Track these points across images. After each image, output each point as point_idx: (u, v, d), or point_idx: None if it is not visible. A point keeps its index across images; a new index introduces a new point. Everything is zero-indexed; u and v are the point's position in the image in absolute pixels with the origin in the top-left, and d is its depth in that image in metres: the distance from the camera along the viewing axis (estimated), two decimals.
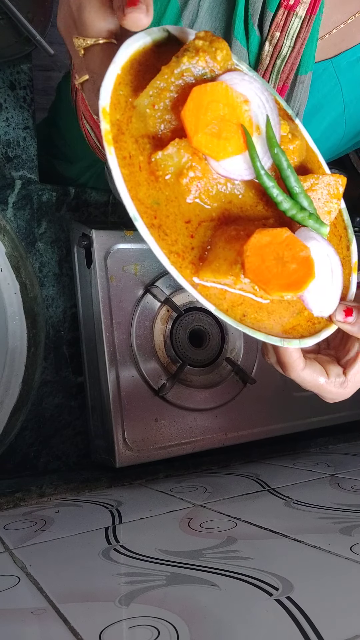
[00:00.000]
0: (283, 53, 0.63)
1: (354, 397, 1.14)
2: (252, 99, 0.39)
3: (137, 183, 0.37)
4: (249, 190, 0.41)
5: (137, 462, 0.89)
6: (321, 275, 0.41)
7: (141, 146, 0.37)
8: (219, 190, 0.39)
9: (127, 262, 0.93)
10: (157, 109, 0.37)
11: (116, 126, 0.37)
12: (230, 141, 0.38)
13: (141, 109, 0.37)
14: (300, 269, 0.37)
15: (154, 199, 0.37)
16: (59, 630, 0.45)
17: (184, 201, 0.38)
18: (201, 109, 0.36)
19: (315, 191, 0.43)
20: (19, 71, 0.98)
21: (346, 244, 0.46)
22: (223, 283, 0.37)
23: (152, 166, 0.37)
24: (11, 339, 0.93)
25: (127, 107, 0.37)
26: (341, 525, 0.64)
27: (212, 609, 0.47)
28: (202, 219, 0.39)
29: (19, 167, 0.98)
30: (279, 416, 1.03)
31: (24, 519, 0.75)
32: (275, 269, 0.36)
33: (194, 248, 0.38)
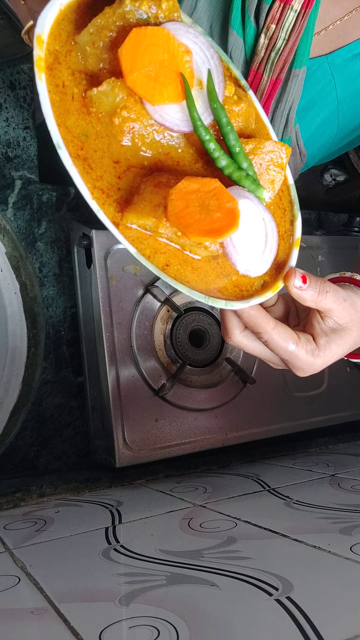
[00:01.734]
0: (278, 45, 0.64)
1: (354, 397, 1.14)
2: (195, 51, 0.39)
3: (67, 111, 0.37)
4: (189, 146, 0.41)
5: (137, 462, 0.89)
6: (251, 234, 0.40)
7: (77, 80, 0.37)
8: (154, 138, 0.39)
9: (127, 262, 0.93)
10: (97, 47, 0.37)
11: (53, 55, 0.37)
12: (167, 87, 0.37)
13: (82, 45, 0.37)
14: (224, 218, 0.36)
15: (82, 130, 0.37)
16: (59, 630, 0.45)
17: (115, 141, 0.38)
18: (139, 49, 0.36)
19: (258, 155, 0.42)
20: (19, 71, 0.98)
21: (290, 218, 0.46)
22: (146, 227, 0.37)
23: (86, 101, 0.37)
24: (11, 339, 0.93)
25: (68, 41, 0.38)
26: (341, 525, 0.64)
27: (212, 609, 0.47)
28: (132, 164, 0.38)
29: (19, 167, 0.98)
30: (279, 416, 1.03)
31: (24, 519, 0.75)
32: (198, 215, 0.36)
33: (120, 189, 0.38)
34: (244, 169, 0.41)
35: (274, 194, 0.44)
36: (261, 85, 0.67)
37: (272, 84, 0.67)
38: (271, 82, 0.67)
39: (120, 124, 0.37)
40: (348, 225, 1.31)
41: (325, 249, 1.16)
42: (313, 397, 1.09)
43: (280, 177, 0.44)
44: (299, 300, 0.46)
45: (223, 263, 0.40)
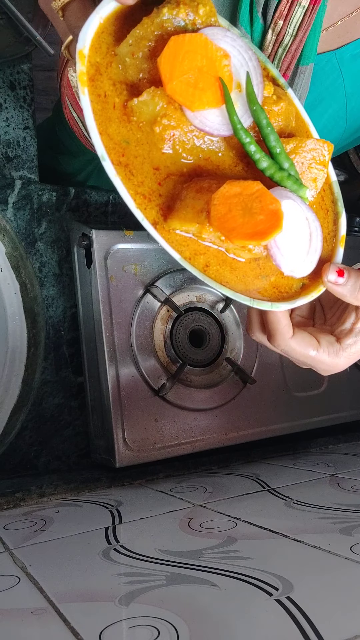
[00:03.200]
0: (285, 42, 0.63)
1: (354, 397, 1.14)
2: (233, 55, 0.39)
3: (108, 118, 0.37)
4: (229, 150, 0.40)
5: (137, 462, 0.89)
6: (295, 234, 0.40)
7: (118, 90, 0.38)
8: (195, 144, 0.39)
9: (127, 262, 0.93)
10: (136, 57, 0.38)
11: (95, 67, 0.37)
12: (207, 92, 0.37)
13: (122, 56, 0.38)
14: (268, 220, 0.36)
15: (123, 137, 0.37)
16: (59, 630, 0.45)
17: (156, 149, 0.38)
18: (178, 57, 0.36)
19: (299, 154, 0.42)
20: (19, 71, 0.98)
21: (333, 218, 0.46)
22: (189, 232, 0.37)
23: (127, 110, 0.38)
24: (11, 339, 0.93)
25: (109, 53, 0.38)
26: (341, 525, 0.64)
27: (212, 609, 0.47)
28: (171, 171, 0.39)
29: (19, 167, 0.98)
30: (279, 416, 1.03)
31: (24, 519, 0.75)
32: (242, 219, 0.36)
33: (161, 195, 0.38)
34: (286, 169, 0.41)
35: (317, 192, 0.44)
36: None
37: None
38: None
39: (160, 132, 0.38)
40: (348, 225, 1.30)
41: None
42: (313, 397, 1.09)
43: (323, 174, 0.43)
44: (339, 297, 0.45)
45: (264, 264, 0.40)
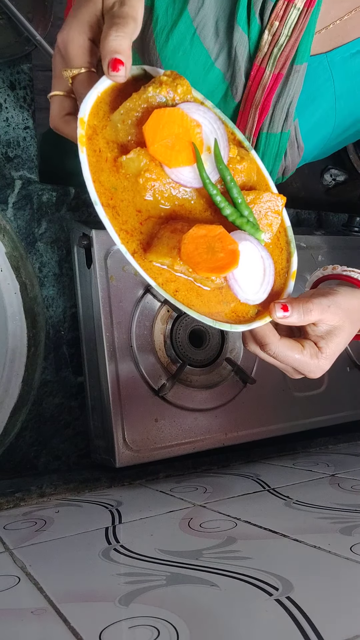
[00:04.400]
0: (280, 42, 0.68)
1: (354, 397, 1.14)
2: (204, 125, 0.49)
3: (101, 169, 0.46)
4: (200, 198, 0.50)
5: (137, 462, 0.89)
6: (251, 269, 0.49)
7: (110, 147, 0.47)
8: (172, 193, 0.48)
9: (127, 262, 0.93)
10: (126, 123, 0.47)
11: (92, 128, 0.47)
12: (182, 154, 0.47)
13: (114, 122, 0.47)
14: (227, 257, 0.45)
15: (112, 184, 0.46)
16: (59, 630, 0.45)
17: (139, 196, 0.47)
18: (159, 126, 0.45)
19: (257, 204, 0.51)
20: (19, 71, 0.98)
21: (286, 256, 0.55)
22: (164, 264, 0.46)
23: (116, 164, 0.47)
24: (11, 339, 0.93)
25: (105, 118, 0.48)
26: (341, 525, 0.64)
27: (212, 609, 0.47)
28: (152, 214, 0.47)
29: (19, 167, 0.98)
30: (279, 416, 1.03)
31: (24, 519, 0.75)
32: (206, 255, 0.45)
33: (142, 233, 0.47)
34: (245, 216, 0.50)
35: (272, 234, 0.52)
36: (263, 80, 0.71)
37: (274, 78, 0.71)
38: (273, 76, 0.71)
39: (144, 183, 0.47)
40: (348, 225, 1.31)
41: (325, 249, 1.16)
42: (313, 397, 1.09)
43: (278, 221, 0.52)
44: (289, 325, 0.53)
45: (225, 293, 0.48)
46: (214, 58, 0.73)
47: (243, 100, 0.74)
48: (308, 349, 0.54)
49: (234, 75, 0.73)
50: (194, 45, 0.73)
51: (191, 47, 0.73)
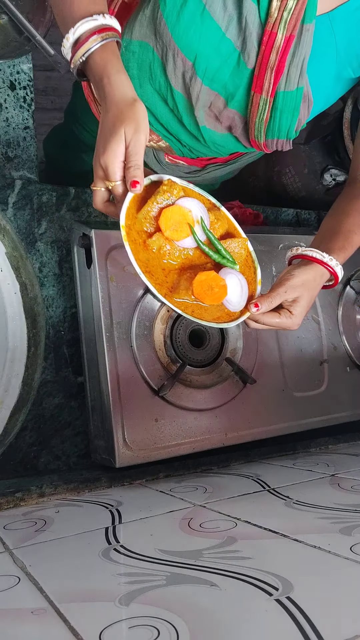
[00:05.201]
0: (289, 5, 0.75)
1: (354, 397, 1.14)
2: (193, 209, 0.76)
3: (137, 250, 0.72)
4: (196, 251, 0.77)
5: (137, 462, 0.89)
6: (234, 290, 0.76)
7: (140, 235, 0.73)
8: (181, 253, 0.76)
9: (127, 262, 0.93)
10: (147, 219, 0.74)
11: (127, 226, 0.71)
12: (183, 231, 0.74)
13: (140, 219, 0.74)
14: (220, 291, 0.74)
15: (146, 257, 0.73)
16: (59, 630, 0.45)
17: (162, 260, 0.74)
18: (167, 218, 0.73)
19: (230, 246, 0.79)
20: (19, 71, 0.98)
21: (254, 270, 0.81)
22: (184, 299, 0.73)
23: (146, 245, 0.73)
24: (11, 339, 0.93)
25: (133, 217, 0.73)
26: (341, 525, 0.64)
27: (212, 609, 0.47)
28: (170, 269, 0.75)
29: (19, 167, 0.98)
30: (279, 416, 1.03)
31: (24, 519, 0.75)
32: (208, 292, 0.73)
33: (167, 282, 0.74)
34: (225, 256, 0.77)
35: (242, 261, 0.80)
36: (276, 43, 0.78)
37: (286, 40, 0.78)
38: (285, 39, 0.78)
39: (163, 253, 0.74)
40: None
41: None
42: (313, 397, 1.09)
43: (244, 252, 0.81)
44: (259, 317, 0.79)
45: (221, 306, 0.76)
46: (224, 29, 0.78)
47: (257, 65, 0.80)
48: (283, 314, 0.81)
49: (245, 43, 0.79)
50: (205, 20, 0.77)
51: (202, 22, 0.78)
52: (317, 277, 0.83)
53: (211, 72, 0.83)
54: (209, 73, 0.83)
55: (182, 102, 0.89)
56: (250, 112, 0.86)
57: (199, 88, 0.85)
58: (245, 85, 0.84)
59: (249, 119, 0.87)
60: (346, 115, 1.31)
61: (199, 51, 0.81)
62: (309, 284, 0.81)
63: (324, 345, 1.13)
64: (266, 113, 0.85)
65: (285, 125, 0.86)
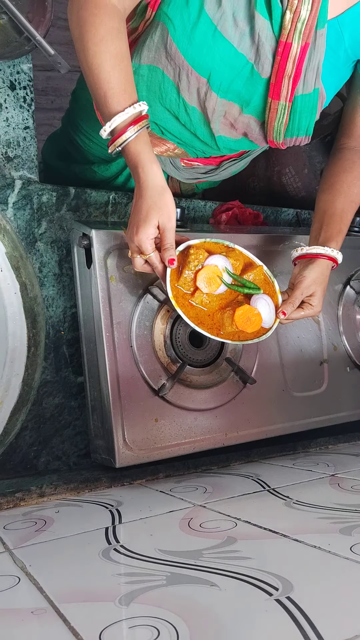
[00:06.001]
0: (302, 16, 0.79)
1: (354, 397, 1.14)
2: (219, 263, 0.87)
3: (188, 311, 0.86)
4: (229, 291, 0.89)
5: (137, 462, 0.89)
6: (265, 312, 0.89)
7: (185, 299, 0.87)
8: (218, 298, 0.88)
9: (127, 262, 0.93)
10: (187, 282, 0.86)
11: (175, 296, 0.85)
12: (216, 284, 0.87)
13: (180, 284, 0.86)
14: (257, 319, 0.88)
15: (195, 313, 0.87)
16: (59, 630, 0.45)
17: (206, 310, 0.88)
18: (202, 277, 0.86)
19: (252, 275, 0.91)
20: (19, 71, 0.98)
21: (272, 285, 0.92)
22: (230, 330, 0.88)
23: (190, 304, 0.87)
24: (11, 339, 0.93)
25: (175, 286, 0.86)
26: (341, 525, 0.64)
27: (212, 609, 0.47)
28: (214, 312, 0.88)
29: (19, 167, 0.98)
30: (279, 416, 1.03)
31: (24, 519, 0.75)
32: (247, 322, 0.87)
33: (215, 324, 0.88)
34: (250, 287, 0.89)
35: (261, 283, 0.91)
36: (292, 53, 0.82)
37: (302, 49, 0.82)
38: (301, 48, 0.82)
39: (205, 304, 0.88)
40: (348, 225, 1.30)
41: None
42: (313, 397, 1.09)
43: (262, 275, 0.92)
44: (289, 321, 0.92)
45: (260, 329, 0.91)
46: (236, 45, 0.81)
47: (273, 74, 0.84)
48: (306, 308, 0.92)
49: (258, 55, 0.83)
50: (216, 40, 0.81)
51: (214, 42, 0.81)
52: (324, 271, 0.92)
53: (225, 85, 0.86)
54: (224, 86, 0.86)
55: (197, 116, 0.92)
56: (268, 118, 0.90)
57: (215, 101, 0.89)
58: (260, 92, 0.87)
59: (267, 123, 0.91)
60: None
61: (213, 68, 0.84)
62: (319, 279, 0.92)
63: (324, 345, 1.13)
64: (285, 117, 0.89)
65: (305, 125, 0.91)
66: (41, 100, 2.05)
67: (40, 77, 2.03)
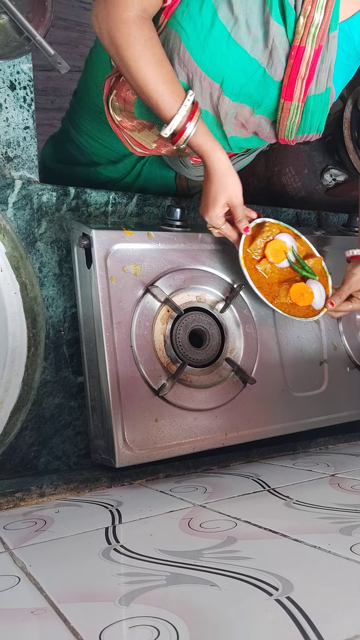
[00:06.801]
0: (316, 21, 0.81)
1: (354, 397, 1.14)
2: (287, 241, 1.02)
3: (252, 274, 1.00)
4: (288, 269, 1.03)
5: (137, 462, 0.89)
6: (316, 294, 1.02)
7: (252, 263, 1.01)
8: (278, 272, 1.02)
9: (127, 262, 0.93)
10: (255, 250, 1.01)
11: (244, 258, 0.99)
12: (281, 257, 1.02)
13: (251, 251, 1.01)
14: (309, 295, 1.01)
15: (257, 279, 1.00)
16: (59, 630, 0.45)
17: (268, 278, 1.02)
18: (271, 248, 1.01)
19: (311, 262, 1.04)
20: (19, 71, 0.98)
21: (326, 277, 1.06)
22: (284, 302, 1.01)
23: (255, 269, 1.01)
24: (11, 339, 0.93)
25: (246, 251, 1.00)
26: (341, 525, 0.64)
27: (212, 609, 0.47)
28: (273, 283, 1.02)
29: (19, 167, 0.98)
30: (279, 416, 1.03)
31: (24, 519, 0.75)
32: (301, 297, 1.01)
33: (272, 293, 1.01)
34: (309, 271, 1.03)
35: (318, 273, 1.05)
36: (305, 56, 0.84)
37: (315, 53, 0.84)
38: (315, 52, 0.84)
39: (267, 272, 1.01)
40: (348, 225, 1.31)
41: (325, 249, 1.16)
42: (313, 397, 1.09)
43: (319, 266, 1.06)
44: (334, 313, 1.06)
45: (309, 306, 1.02)
46: (249, 51, 0.83)
47: (286, 77, 0.86)
48: (354, 302, 1.03)
49: (271, 59, 0.84)
50: (230, 46, 0.82)
51: (228, 49, 0.82)
52: None
53: (238, 89, 0.88)
54: (236, 90, 0.88)
55: (210, 119, 0.94)
56: (281, 117, 0.92)
57: (227, 105, 0.90)
58: (272, 94, 0.89)
59: (279, 122, 0.93)
60: (346, 115, 1.31)
61: (226, 74, 0.86)
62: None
63: (324, 345, 1.13)
64: (297, 116, 0.91)
65: (317, 122, 0.95)
66: (41, 100, 2.05)
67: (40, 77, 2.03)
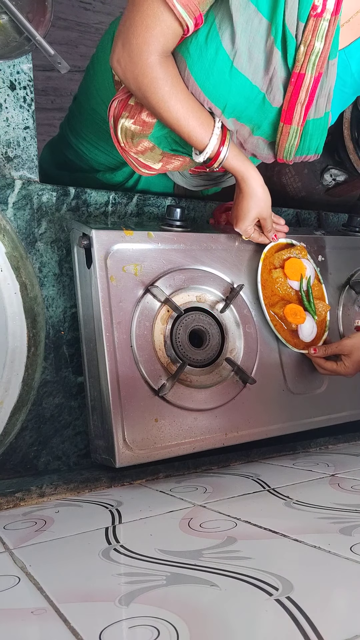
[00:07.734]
0: (316, 49, 0.82)
1: (354, 397, 1.14)
2: (308, 268, 1.10)
3: (263, 272, 1.06)
4: (296, 295, 1.09)
5: (137, 462, 0.89)
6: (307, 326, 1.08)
7: (270, 265, 1.08)
8: (285, 290, 1.08)
9: (127, 262, 0.93)
10: (278, 259, 1.08)
11: (265, 257, 1.07)
12: (296, 276, 1.08)
13: (275, 256, 1.08)
14: (299, 318, 1.07)
15: (265, 279, 1.06)
16: (59, 630, 0.45)
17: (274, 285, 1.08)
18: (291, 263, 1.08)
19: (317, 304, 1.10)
20: (19, 71, 0.98)
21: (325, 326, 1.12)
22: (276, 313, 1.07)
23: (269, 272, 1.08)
24: (11, 339, 0.93)
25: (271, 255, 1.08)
26: (341, 525, 0.64)
27: (212, 609, 0.47)
28: (276, 294, 1.07)
29: (19, 167, 0.98)
30: (279, 416, 1.03)
31: (24, 519, 0.75)
32: (293, 315, 1.06)
33: (271, 300, 1.07)
34: (312, 308, 1.07)
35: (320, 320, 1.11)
36: (305, 83, 0.85)
37: (315, 80, 0.85)
38: (314, 79, 0.85)
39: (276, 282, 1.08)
40: (348, 225, 1.31)
41: (325, 249, 1.16)
42: (313, 397, 1.09)
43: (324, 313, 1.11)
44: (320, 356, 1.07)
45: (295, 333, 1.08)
46: (251, 78, 0.84)
47: (286, 102, 0.88)
48: (339, 364, 1.04)
49: (271, 86, 0.86)
50: (233, 75, 0.83)
51: (231, 77, 0.83)
52: None
53: (238, 112, 0.89)
54: (236, 112, 0.89)
55: None
56: (280, 140, 0.93)
57: (228, 123, 0.91)
58: (271, 118, 0.91)
59: (278, 144, 0.94)
60: (346, 115, 1.31)
61: (229, 100, 0.87)
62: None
63: None
64: (296, 139, 0.93)
65: (315, 145, 0.97)
66: (41, 100, 2.05)
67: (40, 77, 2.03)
